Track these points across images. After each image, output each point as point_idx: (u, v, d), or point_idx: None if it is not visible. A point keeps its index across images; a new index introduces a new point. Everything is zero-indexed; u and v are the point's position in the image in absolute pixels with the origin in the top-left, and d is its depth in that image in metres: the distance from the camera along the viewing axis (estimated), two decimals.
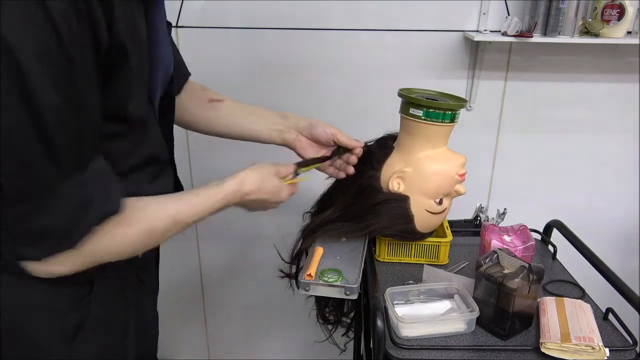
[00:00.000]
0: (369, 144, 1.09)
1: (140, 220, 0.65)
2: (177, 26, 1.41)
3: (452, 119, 0.99)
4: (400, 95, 1.03)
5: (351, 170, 1.01)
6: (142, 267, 0.82)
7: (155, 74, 0.70)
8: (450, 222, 1.25)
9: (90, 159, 0.58)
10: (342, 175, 1.02)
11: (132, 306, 0.78)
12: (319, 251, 1.02)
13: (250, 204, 0.85)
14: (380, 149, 1.07)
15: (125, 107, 0.63)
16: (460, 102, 1.01)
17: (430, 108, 0.97)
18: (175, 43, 0.99)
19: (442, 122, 0.98)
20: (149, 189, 0.72)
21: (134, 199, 0.65)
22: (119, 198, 0.62)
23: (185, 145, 1.56)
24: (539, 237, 1.22)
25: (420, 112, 0.98)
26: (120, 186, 0.62)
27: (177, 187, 0.86)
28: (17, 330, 0.66)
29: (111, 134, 0.63)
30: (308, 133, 1.00)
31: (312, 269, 0.95)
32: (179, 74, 0.96)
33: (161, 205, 0.70)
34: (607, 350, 0.80)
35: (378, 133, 1.11)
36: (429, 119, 0.98)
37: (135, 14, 0.61)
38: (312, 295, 0.99)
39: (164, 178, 0.79)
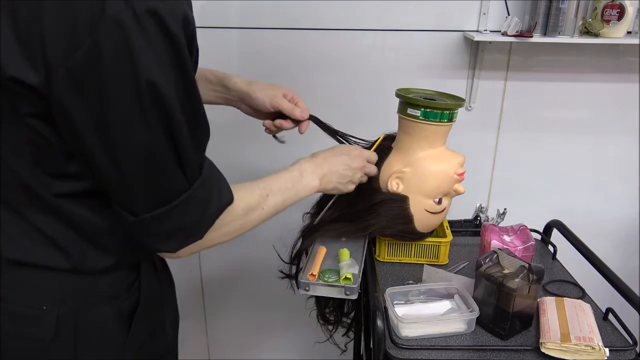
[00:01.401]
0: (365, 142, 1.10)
1: (239, 201, 0.73)
2: None
3: (450, 119, 0.99)
4: (397, 95, 1.03)
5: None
6: None
7: None
8: (450, 222, 1.25)
9: (203, 161, 0.67)
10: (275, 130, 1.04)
11: (165, 286, 0.84)
12: (321, 251, 1.02)
13: (330, 170, 0.90)
14: (378, 149, 1.07)
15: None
16: (458, 102, 1.01)
17: (428, 108, 0.97)
18: None
19: (440, 121, 0.98)
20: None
21: (239, 187, 0.75)
22: (230, 189, 0.71)
23: None
24: (539, 237, 1.22)
25: (418, 112, 0.98)
26: (226, 180, 0.72)
27: None
28: (82, 319, 0.70)
29: None
30: (248, 103, 1.01)
31: (315, 269, 0.95)
32: None
33: (249, 183, 0.79)
34: (607, 350, 0.80)
35: (378, 133, 1.12)
36: (426, 119, 0.98)
37: None
38: (312, 296, 0.99)
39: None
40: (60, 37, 0.52)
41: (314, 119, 1.03)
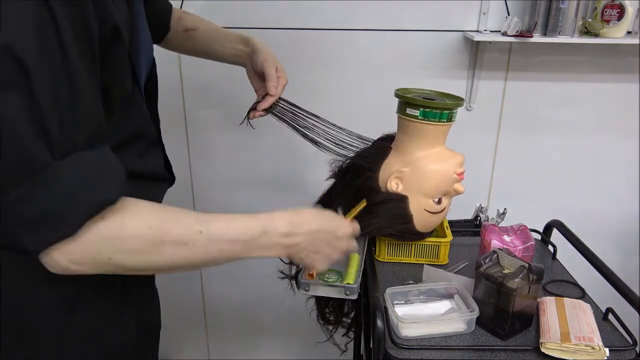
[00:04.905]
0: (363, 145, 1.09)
1: (151, 216, 0.61)
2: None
3: (449, 118, 0.99)
4: (396, 95, 1.03)
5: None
6: None
7: (137, 52, 0.70)
8: (450, 222, 1.24)
9: (91, 145, 0.57)
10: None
11: (132, 285, 0.77)
12: None
13: (306, 241, 0.73)
14: (378, 150, 1.07)
15: (115, 81, 0.63)
16: (457, 101, 1.01)
17: (427, 108, 0.98)
18: None
19: (439, 121, 0.98)
20: (139, 165, 0.73)
21: (148, 202, 0.62)
22: (119, 186, 0.58)
23: (185, 145, 1.56)
24: (539, 237, 1.22)
25: (417, 112, 0.98)
26: (122, 176, 0.59)
27: (167, 166, 0.88)
28: (19, 302, 0.67)
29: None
30: (252, 60, 1.02)
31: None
32: (164, 12, 1.02)
33: (181, 210, 0.64)
34: (607, 350, 0.80)
35: (378, 133, 1.12)
36: (425, 119, 0.98)
37: None
38: (312, 296, 0.99)
39: (154, 155, 0.80)
40: None
41: (281, 105, 1.04)
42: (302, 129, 1.04)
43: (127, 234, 0.59)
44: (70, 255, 0.56)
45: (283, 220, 0.70)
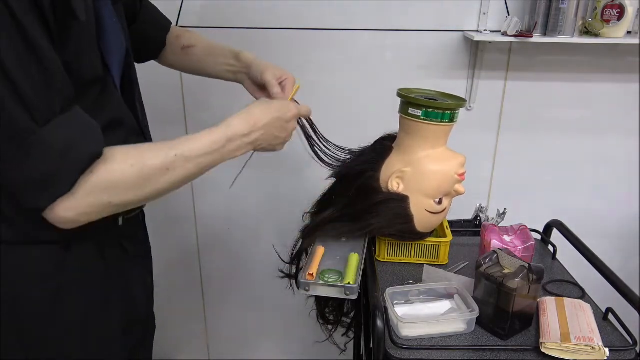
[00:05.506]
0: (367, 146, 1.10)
1: (129, 156, 0.67)
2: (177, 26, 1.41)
3: (451, 119, 0.99)
4: (399, 95, 1.03)
5: None
6: (127, 236, 0.84)
7: (104, 40, 0.72)
8: (450, 222, 1.25)
9: (66, 107, 0.61)
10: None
11: (115, 275, 0.80)
12: (319, 251, 1.02)
13: (264, 134, 0.81)
14: (379, 149, 1.07)
15: (80, 61, 0.66)
16: (459, 102, 1.01)
17: (429, 108, 0.98)
18: None
19: (441, 121, 0.98)
20: None
21: (123, 145, 0.68)
22: (101, 139, 0.64)
23: None
24: (539, 237, 1.22)
25: (419, 112, 0.98)
26: (100, 130, 0.65)
27: None
28: (4, 293, 0.69)
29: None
30: (250, 75, 1.01)
31: (313, 269, 0.95)
32: (160, 27, 1.03)
33: (154, 144, 0.72)
34: (607, 350, 0.80)
35: (378, 133, 1.12)
36: (428, 119, 0.98)
37: None
38: (312, 296, 0.99)
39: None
40: None
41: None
42: (311, 140, 1.04)
43: (116, 178, 0.65)
44: (76, 209, 0.63)
45: (241, 124, 0.77)
